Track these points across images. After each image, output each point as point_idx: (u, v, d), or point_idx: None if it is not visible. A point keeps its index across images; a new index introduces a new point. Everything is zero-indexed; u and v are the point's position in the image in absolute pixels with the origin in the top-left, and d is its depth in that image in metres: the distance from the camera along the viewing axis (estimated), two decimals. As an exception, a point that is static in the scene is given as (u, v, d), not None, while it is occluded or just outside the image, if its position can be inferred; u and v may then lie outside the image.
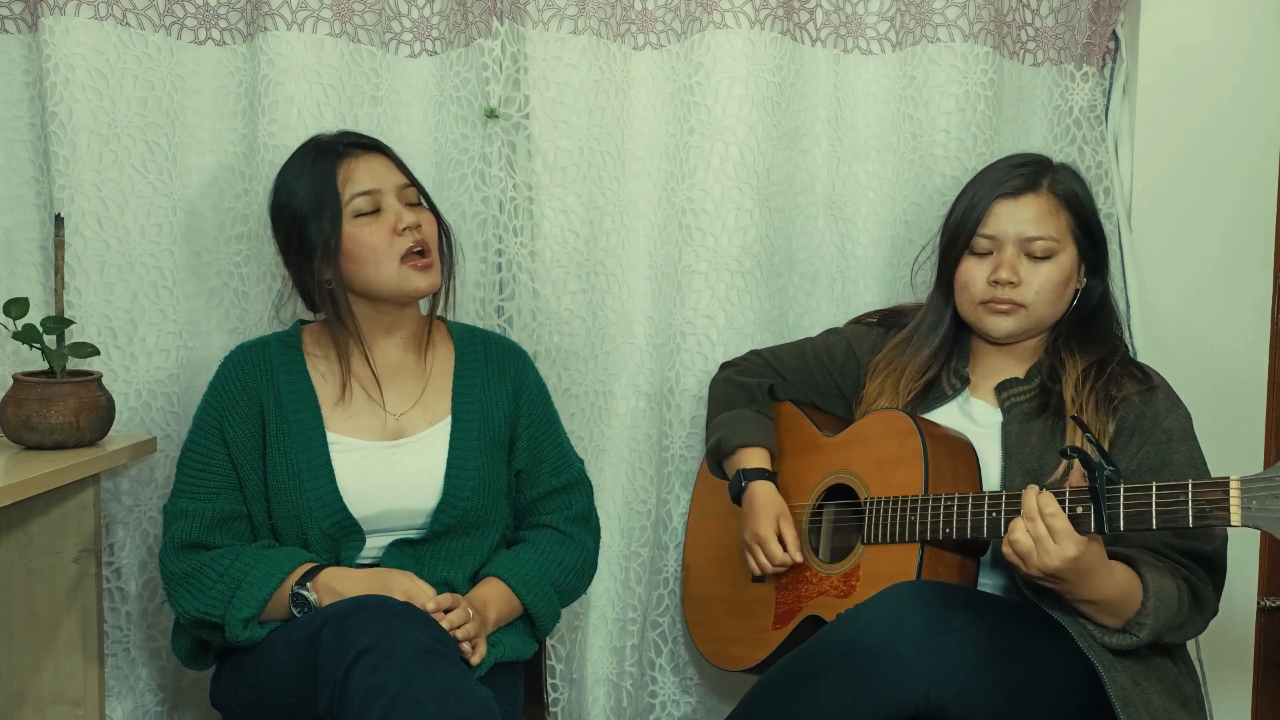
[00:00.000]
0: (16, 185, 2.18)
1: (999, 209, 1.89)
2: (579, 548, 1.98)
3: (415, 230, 1.85)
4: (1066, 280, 1.89)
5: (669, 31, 2.27)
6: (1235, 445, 2.35)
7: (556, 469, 1.99)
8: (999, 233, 1.89)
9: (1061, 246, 1.88)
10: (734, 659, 2.09)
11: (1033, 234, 1.87)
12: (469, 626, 1.75)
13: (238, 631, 1.75)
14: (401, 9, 2.24)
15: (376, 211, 1.85)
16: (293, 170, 1.88)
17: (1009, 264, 1.87)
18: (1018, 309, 1.88)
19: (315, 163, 1.86)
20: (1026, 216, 1.88)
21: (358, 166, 1.85)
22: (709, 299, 2.28)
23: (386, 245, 1.84)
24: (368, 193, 1.84)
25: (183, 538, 1.82)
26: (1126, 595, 1.67)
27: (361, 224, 1.84)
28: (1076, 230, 1.90)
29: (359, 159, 1.86)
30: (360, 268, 1.84)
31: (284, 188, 1.88)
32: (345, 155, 1.86)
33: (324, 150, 1.87)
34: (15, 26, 2.17)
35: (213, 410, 1.88)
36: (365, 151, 1.88)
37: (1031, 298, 1.88)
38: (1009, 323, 1.90)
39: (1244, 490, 1.52)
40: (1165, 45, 2.32)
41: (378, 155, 1.89)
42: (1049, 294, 1.88)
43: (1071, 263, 1.90)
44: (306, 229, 1.84)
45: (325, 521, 1.82)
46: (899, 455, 1.86)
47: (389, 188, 1.86)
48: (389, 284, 1.85)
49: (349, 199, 1.83)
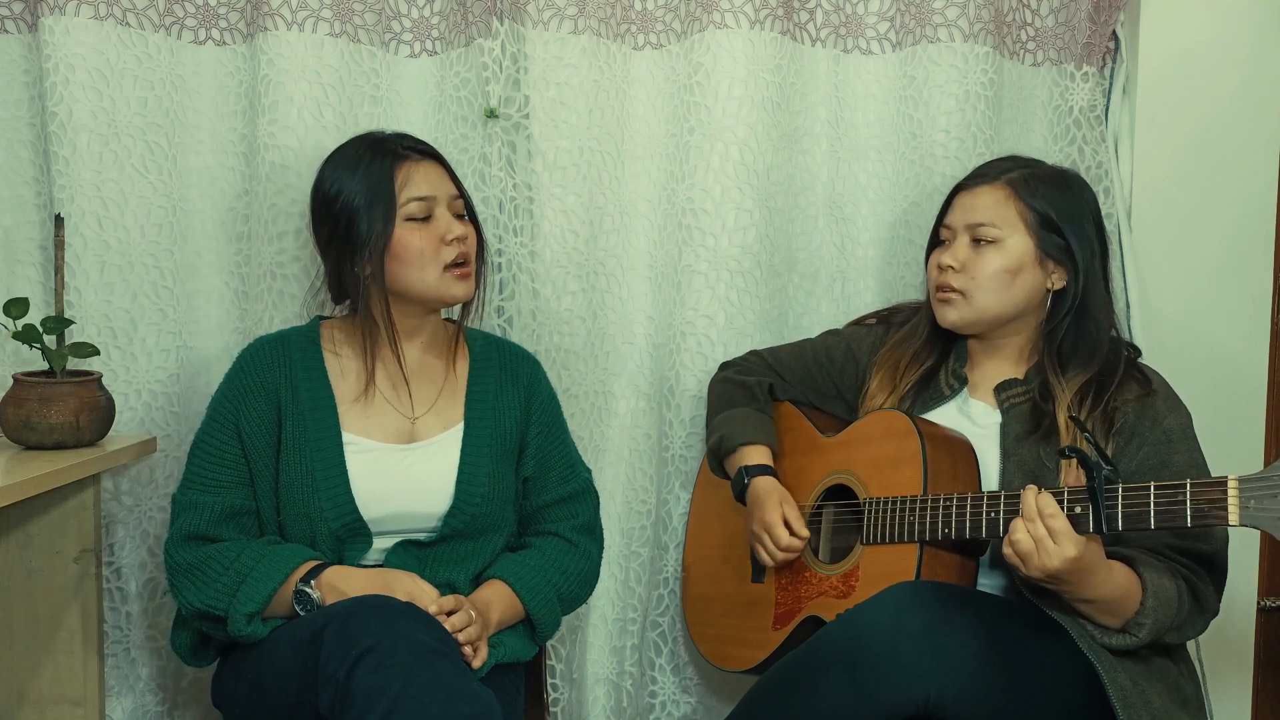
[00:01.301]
0: (16, 185, 2.18)
1: (956, 200, 1.94)
2: (583, 557, 1.98)
3: (461, 242, 1.87)
4: (1013, 271, 1.87)
5: (669, 31, 2.27)
6: (1235, 445, 2.35)
7: (564, 478, 1.99)
8: (953, 221, 1.93)
9: (1007, 234, 1.88)
10: (734, 659, 2.09)
11: (977, 220, 1.89)
12: (471, 629, 1.75)
13: (241, 626, 1.75)
14: (401, 9, 2.24)
15: (427, 218, 1.86)
16: (346, 163, 1.88)
17: (953, 250, 1.91)
18: (958, 297, 1.90)
19: (373, 159, 1.86)
20: (976, 204, 1.90)
21: (416, 171, 1.86)
22: (709, 299, 2.28)
23: (433, 253, 1.85)
24: (423, 199, 1.85)
25: (190, 529, 1.82)
26: (1125, 595, 1.67)
27: (412, 228, 1.85)
28: (1034, 223, 1.87)
29: (418, 164, 1.87)
30: (403, 269, 1.85)
31: (334, 179, 1.87)
32: (404, 158, 1.87)
33: (382, 149, 1.87)
34: (15, 26, 2.17)
35: (229, 403, 1.87)
36: (423, 157, 1.89)
37: (971, 284, 1.88)
38: (953, 313, 1.91)
39: (1242, 490, 1.52)
40: (1165, 45, 2.33)
41: (434, 163, 1.90)
42: (990, 281, 1.88)
43: (1022, 253, 1.87)
44: (355, 222, 1.84)
45: (335, 522, 1.82)
46: (898, 455, 1.86)
47: (442, 197, 1.88)
48: (429, 289, 1.86)
49: (404, 201, 1.84)
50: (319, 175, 1.90)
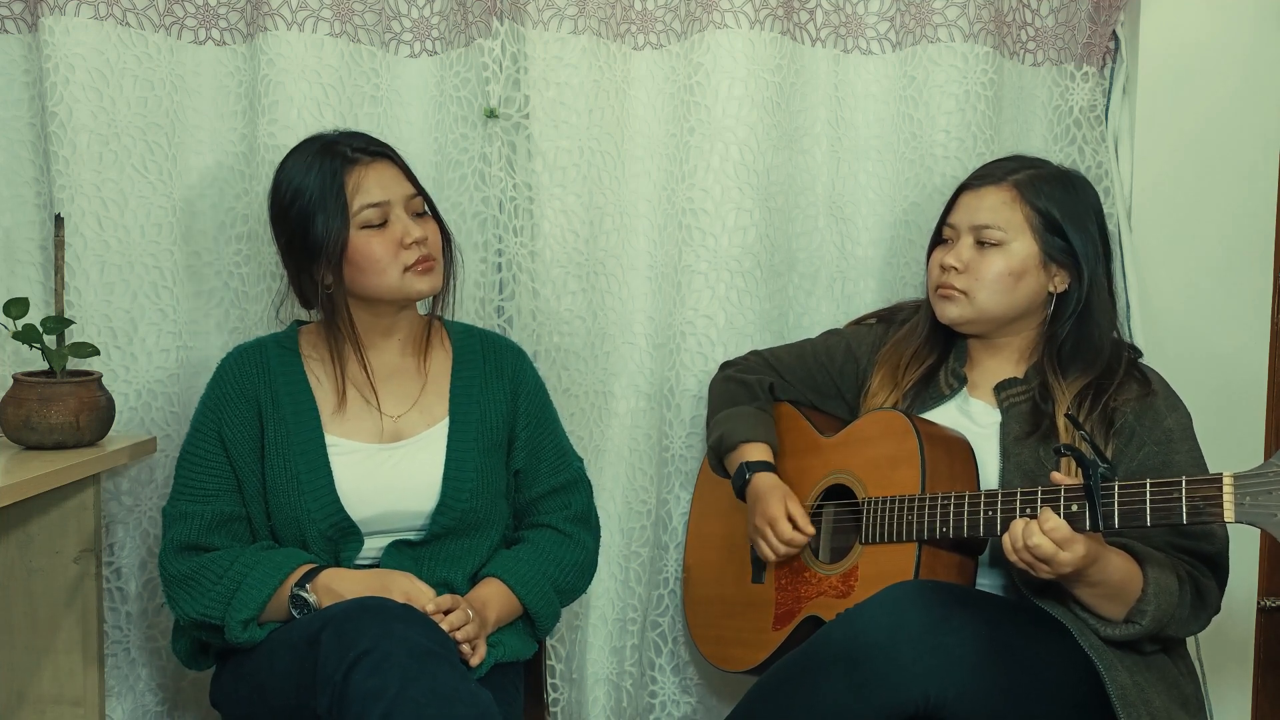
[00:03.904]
0: (16, 185, 2.18)
1: (961, 199, 1.94)
2: (578, 547, 1.97)
3: (421, 245, 1.84)
4: (1017, 274, 1.88)
5: (669, 31, 2.27)
6: (1235, 445, 2.35)
7: (555, 468, 1.98)
8: (957, 221, 1.93)
9: (1012, 237, 1.88)
10: (734, 660, 2.09)
11: (982, 221, 1.89)
12: (469, 628, 1.75)
13: (237, 633, 1.75)
14: (401, 9, 2.24)
15: (384, 224, 1.83)
16: (297, 169, 1.84)
17: (956, 250, 1.91)
18: (960, 295, 1.90)
19: (322, 165, 1.82)
20: (981, 205, 1.90)
21: (367, 175, 1.82)
22: (709, 299, 2.28)
23: (392, 258, 1.82)
24: (376, 204, 1.82)
25: (182, 540, 1.82)
26: (1126, 579, 1.68)
27: (369, 235, 1.82)
28: (1039, 226, 1.88)
29: (368, 167, 1.83)
30: (362, 275, 1.83)
31: (287, 186, 1.84)
32: (354, 162, 1.82)
33: (331, 152, 1.83)
34: (15, 26, 2.17)
35: (210, 413, 1.88)
36: (374, 159, 1.84)
37: (975, 285, 1.88)
38: (954, 309, 1.91)
39: (1237, 486, 1.52)
40: (1165, 45, 2.32)
41: (386, 163, 1.86)
42: (993, 283, 1.88)
43: (1026, 256, 1.88)
44: (310, 231, 1.81)
45: (323, 524, 1.82)
46: (896, 455, 1.86)
47: (397, 199, 1.84)
48: (390, 289, 1.84)
49: (357, 210, 1.81)
50: (274, 181, 1.87)
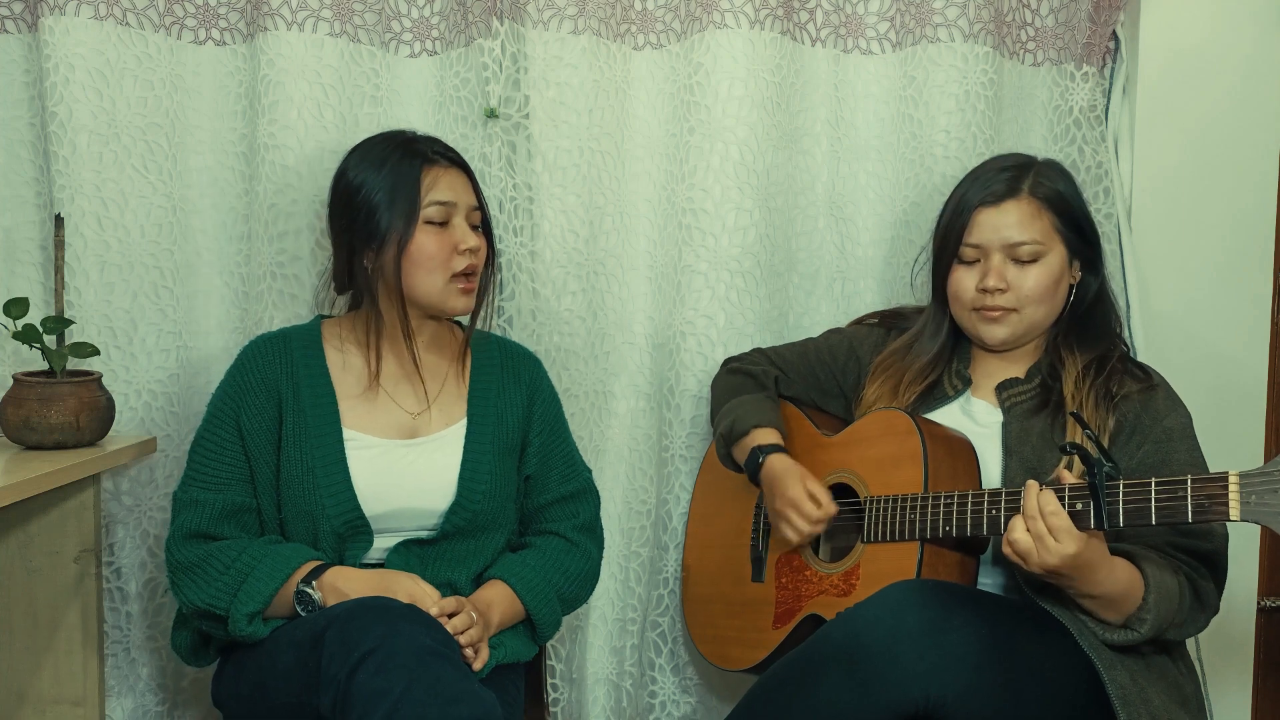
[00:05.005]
0: (16, 185, 2.18)
1: (981, 217, 1.90)
2: (584, 557, 1.98)
3: (473, 254, 1.89)
4: (1057, 280, 1.89)
5: (669, 31, 2.27)
6: (1235, 445, 2.35)
7: (565, 477, 2.00)
8: (983, 241, 1.89)
9: (1048, 248, 1.88)
10: (734, 659, 2.09)
11: (1016, 239, 1.88)
12: (473, 630, 1.75)
13: (241, 626, 1.75)
14: (401, 9, 2.24)
15: (445, 224, 1.87)
16: (373, 156, 1.89)
17: (996, 271, 1.88)
18: (1009, 314, 1.89)
19: (402, 158, 1.87)
20: (1009, 222, 1.88)
21: (442, 177, 1.88)
22: (709, 299, 2.28)
23: (444, 259, 1.86)
24: (444, 203, 1.87)
25: (191, 527, 1.82)
26: (1127, 590, 1.67)
27: (429, 231, 1.86)
28: (1063, 229, 1.89)
29: (445, 170, 1.89)
30: (414, 270, 1.86)
31: (358, 170, 1.89)
32: (433, 162, 1.88)
33: (412, 149, 1.89)
34: (15, 26, 2.17)
35: (230, 400, 1.88)
36: (451, 165, 1.91)
37: (1022, 302, 1.88)
38: (1002, 330, 1.90)
39: (1243, 485, 1.52)
40: (1165, 45, 2.33)
41: (459, 171, 1.92)
42: (1039, 296, 1.89)
43: (1060, 262, 1.90)
44: (375, 217, 1.85)
45: (337, 519, 1.82)
46: (899, 454, 1.86)
47: (463, 205, 1.89)
48: (432, 294, 1.87)
49: (426, 204, 1.86)
50: (343, 165, 1.92)
